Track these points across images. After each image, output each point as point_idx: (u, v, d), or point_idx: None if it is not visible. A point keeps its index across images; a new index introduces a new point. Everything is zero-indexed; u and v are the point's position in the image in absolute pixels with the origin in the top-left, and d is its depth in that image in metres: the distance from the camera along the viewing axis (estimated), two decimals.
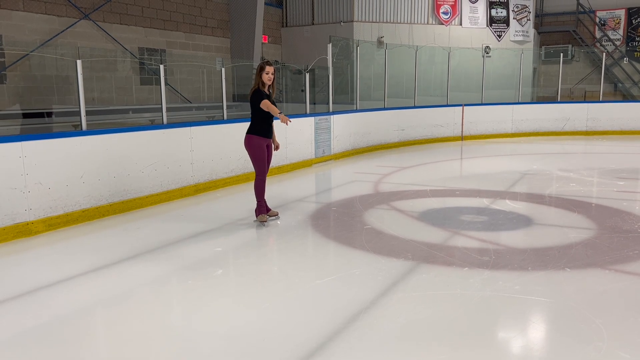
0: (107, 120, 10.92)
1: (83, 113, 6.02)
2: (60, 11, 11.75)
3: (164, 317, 3.49)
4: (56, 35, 11.65)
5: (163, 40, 14.15)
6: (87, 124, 6.12)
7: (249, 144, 5.70)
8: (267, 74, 5.56)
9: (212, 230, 5.58)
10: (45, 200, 5.48)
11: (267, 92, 5.63)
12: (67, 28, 11.84)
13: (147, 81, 13.57)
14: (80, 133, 5.93)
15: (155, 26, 13.89)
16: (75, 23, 12.00)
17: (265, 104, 5.50)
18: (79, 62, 5.94)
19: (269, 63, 5.61)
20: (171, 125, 7.10)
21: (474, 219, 5.85)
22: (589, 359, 2.85)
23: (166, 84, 8.15)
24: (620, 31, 19.77)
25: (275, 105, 5.64)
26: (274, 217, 5.97)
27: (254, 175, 5.81)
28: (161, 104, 7.11)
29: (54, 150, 5.58)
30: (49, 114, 10.38)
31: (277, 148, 5.95)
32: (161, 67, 7.14)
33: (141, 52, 13.58)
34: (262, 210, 5.79)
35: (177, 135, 7.09)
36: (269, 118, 5.68)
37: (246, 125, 8.63)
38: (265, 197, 5.87)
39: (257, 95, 5.56)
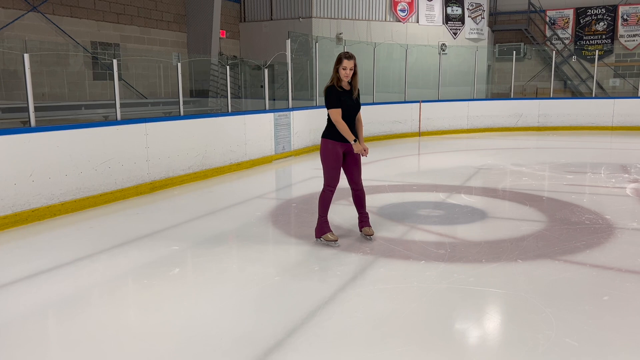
0: (58, 116, 10.56)
1: (32, 109, 5.80)
2: (6, 2, 11.25)
3: (118, 318, 3.40)
4: (2, 28, 11.16)
5: (117, 34, 13.77)
6: (37, 121, 5.90)
7: (322, 150, 4.68)
8: (344, 69, 4.53)
9: (168, 228, 5.48)
10: None
11: (344, 89, 4.61)
12: (14, 20, 11.36)
13: (101, 76, 13.18)
14: (29, 130, 5.71)
15: (108, 20, 13.50)
16: (22, 15, 11.52)
17: (335, 115, 4.52)
18: (26, 55, 5.71)
19: (348, 55, 4.55)
20: (125, 121, 6.92)
21: (430, 213, 5.97)
22: (539, 347, 2.95)
23: (120, 79, 7.96)
24: (569, 30, 20.51)
25: (358, 105, 4.69)
26: (369, 237, 4.88)
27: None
28: (115, 100, 6.92)
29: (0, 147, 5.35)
30: None
31: (365, 153, 4.66)
32: (114, 61, 6.94)
33: (94, 46, 13.17)
34: (327, 227, 4.76)
35: (132, 131, 6.92)
36: (350, 117, 4.63)
37: (203, 122, 8.56)
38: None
39: (330, 94, 4.56)
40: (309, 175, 8.71)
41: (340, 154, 4.67)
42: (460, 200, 6.60)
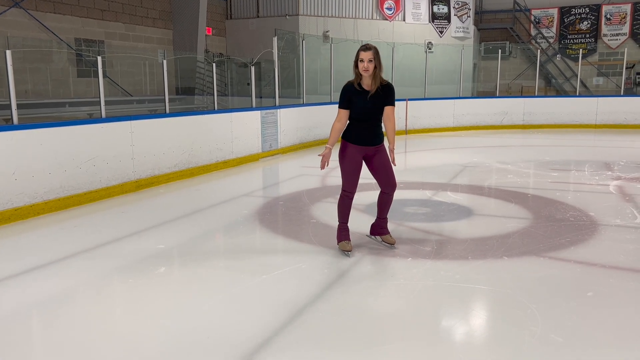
0: (42, 114, 10.43)
1: (14, 106, 5.72)
2: None
3: (104, 318, 3.37)
4: None
5: (101, 31, 13.61)
6: (20, 118, 5.82)
7: (339, 151, 4.31)
8: (361, 61, 4.05)
9: (154, 227, 5.44)
10: None
11: (362, 89, 4.19)
12: None
13: (85, 73, 13.02)
14: (12, 127, 5.62)
15: (92, 16, 13.34)
16: (5, 11, 11.33)
17: (336, 116, 4.20)
18: (8, 52, 5.63)
19: (366, 47, 4.09)
20: (110, 119, 6.85)
21: (417, 211, 5.99)
22: (524, 343, 2.98)
23: (105, 76, 7.85)
24: (554, 29, 20.72)
25: (378, 106, 4.20)
26: (388, 245, 4.58)
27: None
28: (99, 97, 6.84)
29: None
30: None
31: (392, 161, 4.39)
32: (99, 58, 6.86)
33: (78, 43, 13.00)
34: (344, 235, 4.45)
35: (117, 129, 6.85)
36: (368, 119, 4.21)
37: (189, 119, 8.49)
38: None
39: (341, 93, 4.21)
40: (296, 173, 8.70)
41: (359, 159, 4.28)
42: (447, 198, 6.64)
